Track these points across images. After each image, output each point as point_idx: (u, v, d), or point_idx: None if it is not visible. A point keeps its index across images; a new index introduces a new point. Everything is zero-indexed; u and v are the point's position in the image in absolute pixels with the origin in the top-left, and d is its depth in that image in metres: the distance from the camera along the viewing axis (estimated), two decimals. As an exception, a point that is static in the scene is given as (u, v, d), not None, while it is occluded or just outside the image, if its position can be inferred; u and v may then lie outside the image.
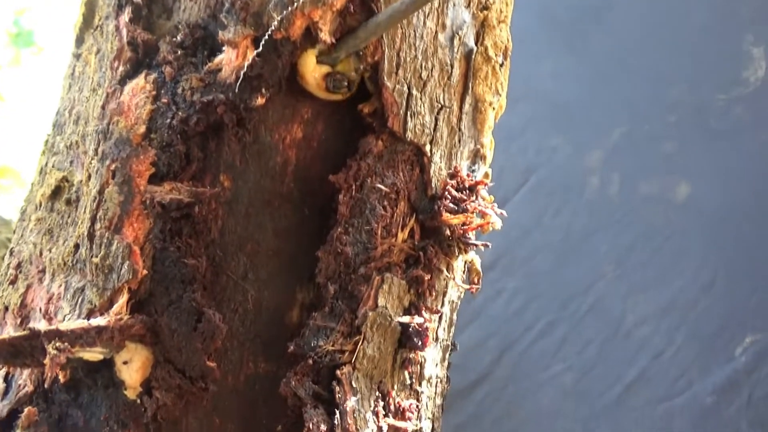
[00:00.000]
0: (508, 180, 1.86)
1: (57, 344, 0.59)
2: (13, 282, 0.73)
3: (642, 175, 1.77)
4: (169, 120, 0.66)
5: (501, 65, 0.80)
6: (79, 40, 0.74)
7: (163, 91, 0.67)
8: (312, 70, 0.68)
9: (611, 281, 1.79)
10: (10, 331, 0.70)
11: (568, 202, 1.82)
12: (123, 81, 0.68)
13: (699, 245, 1.71)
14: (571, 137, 1.84)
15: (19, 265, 0.73)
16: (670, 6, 1.78)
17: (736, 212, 1.69)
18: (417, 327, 0.71)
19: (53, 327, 0.60)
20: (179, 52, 0.67)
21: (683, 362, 1.66)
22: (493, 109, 0.80)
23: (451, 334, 0.81)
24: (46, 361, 0.59)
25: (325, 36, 0.67)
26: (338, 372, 0.68)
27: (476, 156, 0.79)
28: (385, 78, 0.70)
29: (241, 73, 0.65)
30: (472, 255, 0.82)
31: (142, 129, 0.66)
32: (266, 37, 0.64)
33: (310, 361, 0.68)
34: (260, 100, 0.66)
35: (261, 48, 0.65)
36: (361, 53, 0.70)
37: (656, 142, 1.78)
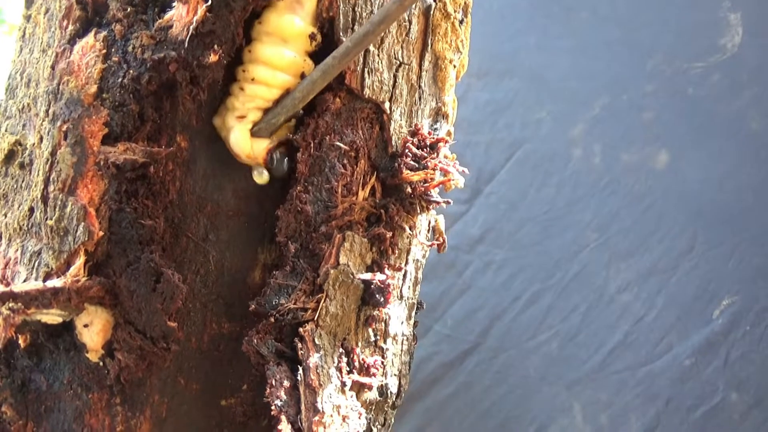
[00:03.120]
0: (495, 155, 1.86)
1: (11, 305, 0.58)
2: (-30, 251, 0.72)
3: (623, 144, 1.78)
4: (120, 79, 0.65)
5: (461, 22, 0.79)
6: (29, 1, 0.72)
7: (113, 50, 0.66)
8: (248, 150, 0.68)
9: (594, 250, 1.80)
10: (-31, 298, 0.70)
11: (552, 175, 1.82)
12: (72, 40, 0.66)
13: (679, 212, 1.72)
14: (555, 110, 1.84)
15: (-24, 234, 0.73)
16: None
17: (714, 179, 1.69)
18: (379, 284, 0.71)
19: (7, 289, 0.59)
20: (129, 9, 0.66)
21: (663, 326, 1.67)
22: (454, 66, 0.79)
23: (416, 293, 0.81)
24: (0, 322, 0.58)
25: (277, -10, 0.66)
26: (301, 329, 0.68)
27: (438, 114, 0.79)
28: (341, 34, 0.70)
29: (192, 28, 0.64)
30: (435, 214, 0.82)
31: (94, 89, 0.65)
32: (216, -9, 0.63)
33: (272, 320, 0.67)
34: (213, 57, 0.66)
35: (211, 2, 0.64)
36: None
37: (636, 112, 1.79)
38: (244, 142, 0.68)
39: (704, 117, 1.73)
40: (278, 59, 0.67)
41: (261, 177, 0.69)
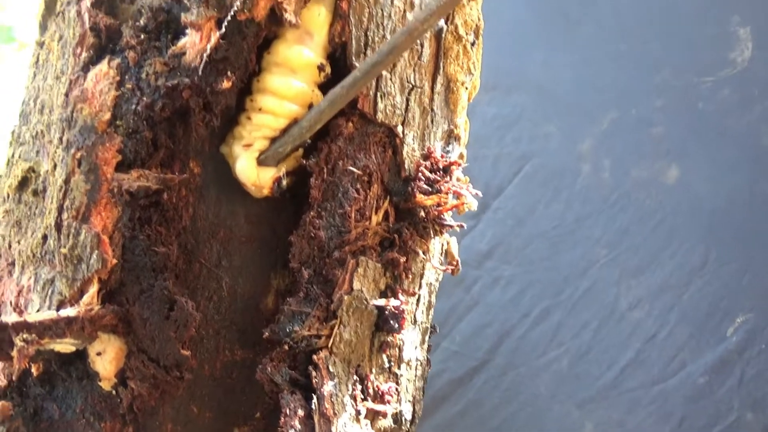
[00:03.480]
0: (503, 169, 1.86)
1: (25, 336, 0.58)
2: (-17, 277, 0.72)
3: (632, 159, 1.77)
4: (134, 106, 0.65)
5: (473, 44, 0.79)
6: (43, 27, 0.73)
7: (127, 77, 0.66)
8: (254, 179, 0.68)
9: (605, 266, 1.79)
10: (-19, 326, 0.69)
11: (561, 190, 1.82)
12: (86, 67, 0.66)
13: (690, 227, 1.71)
14: (563, 125, 1.84)
15: (-11, 259, 0.73)
16: (655, -11, 1.78)
17: (726, 193, 1.68)
18: (393, 309, 0.70)
19: (21, 319, 0.59)
20: (142, 37, 0.66)
21: (676, 344, 1.66)
22: (466, 89, 0.79)
23: (430, 317, 0.80)
24: (14, 353, 0.58)
25: (290, 16, 0.66)
26: (315, 357, 0.67)
27: (450, 136, 0.79)
28: (353, 58, 0.69)
29: (206, 55, 0.64)
30: (448, 237, 0.81)
31: (107, 116, 0.65)
32: (229, 18, 0.63)
33: (286, 347, 0.67)
34: (226, 84, 0.65)
35: (225, 29, 0.64)
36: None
37: (645, 127, 1.78)
38: (251, 170, 0.67)
39: (715, 131, 1.72)
40: (286, 89, 0.67)
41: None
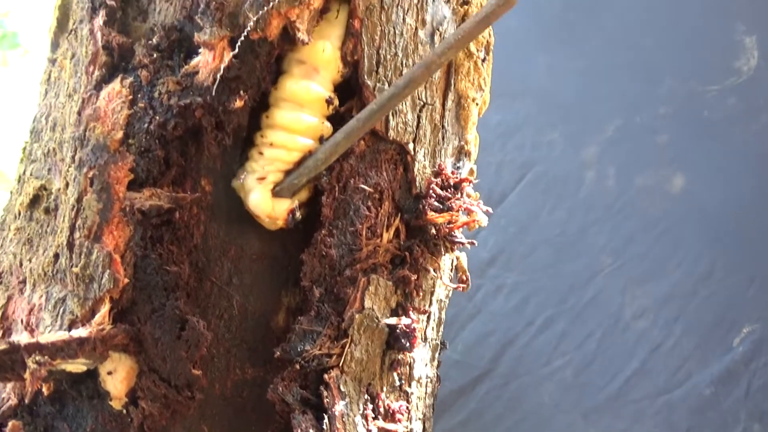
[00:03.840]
0: (505, 176, 1.86)
1: (37, 358, 0.58)
2: (-7, 293, 0.72)
3: (637, 167, 1.77)
4: (146, 125, 0.65)
5: (483, 60, 0.79)
6: (54, 45, 0.73)
7: (139, 96, 0.66)
8: (270, 211, 0.68)
9: (609, 274, 1.79)
10: (-8, 344, 0.69)
11: (565, 197, 1.81)
12: (99, 86, 0.66)
13: (696, 236, 1.71)
14: (567, 132, 1.83)
15: (-1, 276, 0.73)
16: (660, -3, 1.78)
17: (731, 202, 1.68)
18: (404, 328, 0.70)
19: (33, 340, 0.59)
20: (155, 55, 0.66)
21: (682, 354, 1.65)
22: (477, 104, 0.79)
23: (440, 333, 0.80)
24: (27, 375, 0.58)
25: (303, 35, 0.66)
26: (326, 376, 0.67)
27: (461, 153, 0.78)
28: (365, 77, 0.69)
29: (219, 75, 0.64)
30: (458, 253, 0.81)
31: (120, 135, 0.65)
32: (242, 37, 0.63)
33: (297, 366, 0.67)
34: (239, 102, 0.65)
35: (237, 49, 0.64)
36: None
37: (650, 135, 1.78)
38: (265, 203, 0.67)
39: (720, 140, 1.72)
40: (296, 124, 0.67)
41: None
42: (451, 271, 0.81)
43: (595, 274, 1.79)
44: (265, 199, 0.67)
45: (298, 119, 0.67)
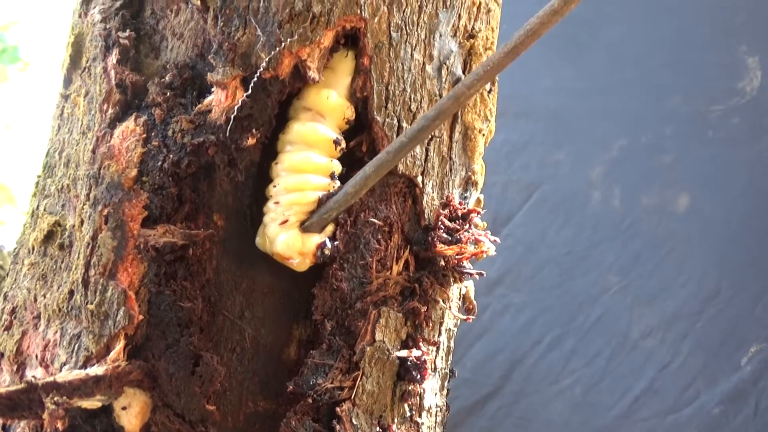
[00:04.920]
0: (512, 196, 1.87)
1: (55, 398, 0.58)
2: (8, 328, 0.73)
3: (643, 187, 1.78)
4: (160, 163, 0.66)
5: (489, 92, 0.80)
6: (67, 81, 0.74)
7: (153, 134, 0.67)
8: (300, 247, 0.68)
9: (616, 293, 1.79)
10: (6, 379, 0.70)
11: (571, 216, 1.82)
12: (113, 124, 0.68)
13: (702, 255, 1.71)
14: (573, 152, 1.84)
15: (13, 311, 0.73)
16: (664, 18, 1.79)
17: (737, 221, 1.69)
18: (415, 360, 0.71)
19: (51, 379, 0.59)
20: (168, 94, 0.67)
21: (690, 373, 1.65)
22: (483, 135, 0.80)
23: (449, 362, 0.80)
24: (45, 415, 0.59)
25: (314, 73, 0.67)
26: (338, 409, 0.68)
27: (468, 183, 0.79)
28: (375, 112, 0.70)
29: (232, 114, 0.65)
30: (466, 283, 0.82)
31: (134, 173, 0.66)
32: (255, 78, 0.64)
33: (310, 400, 0.67)
34: (251, 140, 0.67)
35: (251, 90, 0.65)
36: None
37: (655, 155, 1.79)
38: (295, 241, 0.68)
39: (725, 160, 1.73)
40: (306, 164, 0.68)
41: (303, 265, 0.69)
42: (459, 299, 0.82)
43: (602, 293, 1.79)
44: (294, 237, 0.68)
45: (307, 159, 0.68)
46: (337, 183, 0.70)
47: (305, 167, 0.68)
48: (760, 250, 1.66)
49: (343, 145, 0.69)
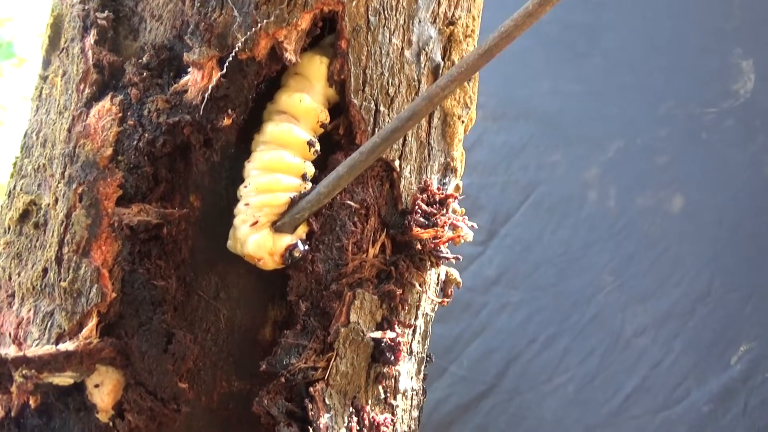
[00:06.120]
0: (510, 196, 1.88)
1: (24, 371, 0.59)
2: (-17, 307, 0.73)
3: (638, 188, 1.78)
4: (135, 142, 0.67)
5: (469, 80, 0.80)
6: (46, 62, 0.74)
7: (129, 113, 0.67)
8: (271, 247, 0.68)
9: (610, 293, 1.80)
10: (-18, 357, 0.70)
11: (568, 217, 1.83)
12: (89, 103, 0.68)
13: (694, 256, 1.72)
14: (569, 153, 1.85)
15: (-11, 290, 0.74)
16: (659, 22, 1.81)
17: (729, 222, 1.69)
18: (389, 342, 0.71)
19: (20, 354, 0.60)
20: (145, 74, 0.68)
21: (681, 371, 1.66)
22: (462, 122, 0.80)
23: (426, 347, 0.81)
24: (13, 388, 0.59)
25: (290, 55, 0.67)
26: (311, 389, 0.68)
27: (447, 169, 0.80)
28: (352, 96, 0.71)
29: (207, 93, 0.66)
30: (450, 269, 0.82)
31: (109, 151, 0.67)
32: (231, 58, 0.65)
33: (283, 379, 0.68)
34: (226, 121, 0.67)
35: (226, 69, 0.65)
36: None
37: (650, 156, 1.79)
38: (266, 241, 0.67)
39: (718, 161, 1.73)
40: (278, 163, 0.68)
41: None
42: (438, 285, 0.82)
43: (596, 292, 1.80)
44: (264, 238, 0.67)
45: (280, 157, 0.68)
46: (309, 185, 0.70)
47: (277, 166, 0.68)
48: (751, 250, 1.66)
49: (317, 147, 0.69)
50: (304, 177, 0.69)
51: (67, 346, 0.62)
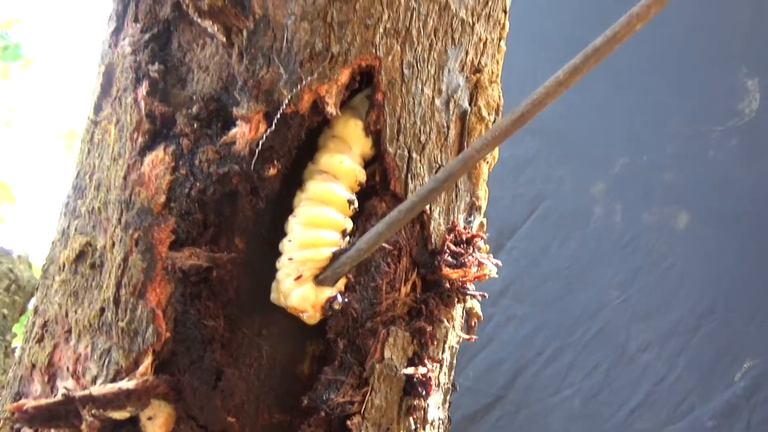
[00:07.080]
0: (517, 210, 1.91)
1: (93, 411, 0.63)
2: (40, 340, 0.78)
3: (644, 204, 1.82)
4: (187, 190, 0.71)
5: (493, 122, 0.85)
6: (98, 108, 0.78)
7: (181, 162, 0.71)
8: (314, 300, 0.72)
9: (616, 308, 1.84)
10: (37, 388, 0.75)
11: (574, 232, 1.87)
12: (142, 152, 0.72)
13: (699, 273, 1.75)
14: (576, 168, 1.89)
15: (45, 325, 0.78)
16: (666, 41, 1.84)
17: (734, 240, 1.73)
18: (421, 377, 0.75)
19: (87, 392, 0.64)
20: (195, 125, 0.72)
21: (685, 387, 1.69)
22: (487, 163, 0.85)
23: (451, 377, 0.85)
24: (83, 427, 0.63)
25: (331, 109, 0.71)
26: (348, 422, 0.72)
27: (472, 207, 0.84)
28: (387, 144, 0.75)
29: (255, 146, 0.70)
30: (470, 302, 0.86)
31: (163, 199, 0.71)
32: (279, 114, 0.69)
33: (323, 413, 0.72)
34: (272, 171, 0.71)
35: (273, 125, 0.69)
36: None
37: (656, 173, 1.83)
38: (309, 294, 0.71)
39: (724, 179, 1.77)
40: (321, 219, 0.72)
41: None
42: (462, 317, 0.86)
43: (602, 307, 1.84)
44: (308, 291, 0.71)
45: (324, 214, 0.72)
46: (347, 240, 0.74)
47: (321, 222, 0.72)
48: (755, 268, 1.70)
49: (356, 205, 0.74)
50: (344, 233, 0.73)
51: (127, 384, 0.66)
